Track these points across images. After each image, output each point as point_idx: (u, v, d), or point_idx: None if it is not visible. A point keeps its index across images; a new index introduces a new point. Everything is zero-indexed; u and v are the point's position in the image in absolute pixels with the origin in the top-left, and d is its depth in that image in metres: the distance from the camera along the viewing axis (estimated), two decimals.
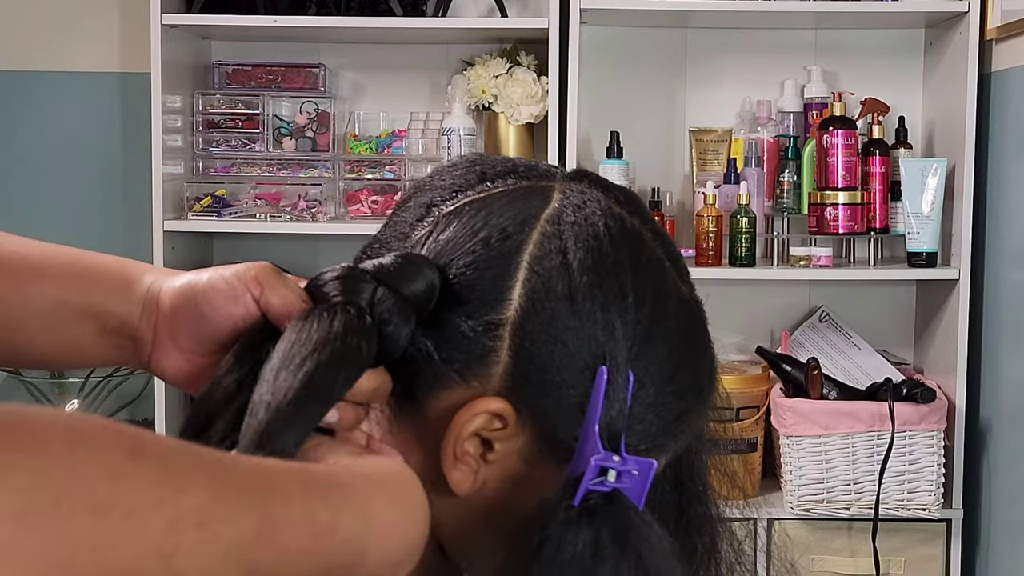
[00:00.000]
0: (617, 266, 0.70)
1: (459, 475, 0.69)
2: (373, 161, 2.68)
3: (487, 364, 0.69)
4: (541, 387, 0.69)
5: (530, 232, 0.71)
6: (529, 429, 0.69)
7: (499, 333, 0.69)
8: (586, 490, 0.66)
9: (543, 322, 0.69)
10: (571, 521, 0.66)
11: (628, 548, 0.66)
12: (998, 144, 2.45)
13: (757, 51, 2.74)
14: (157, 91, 2.51)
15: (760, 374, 2.56)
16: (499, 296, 0.69)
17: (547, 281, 0.69)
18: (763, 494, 2.55)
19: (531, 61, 2.65)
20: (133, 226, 2.75)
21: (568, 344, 0.68)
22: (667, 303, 0.72)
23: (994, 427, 2.45)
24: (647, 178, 2.70)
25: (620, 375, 0.68)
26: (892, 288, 2.76)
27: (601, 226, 0.71)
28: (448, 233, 0.72)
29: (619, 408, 0.68)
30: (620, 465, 0.67)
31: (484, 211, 0.72)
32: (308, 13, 2.61)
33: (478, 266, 0.70)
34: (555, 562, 0.65)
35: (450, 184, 0.75)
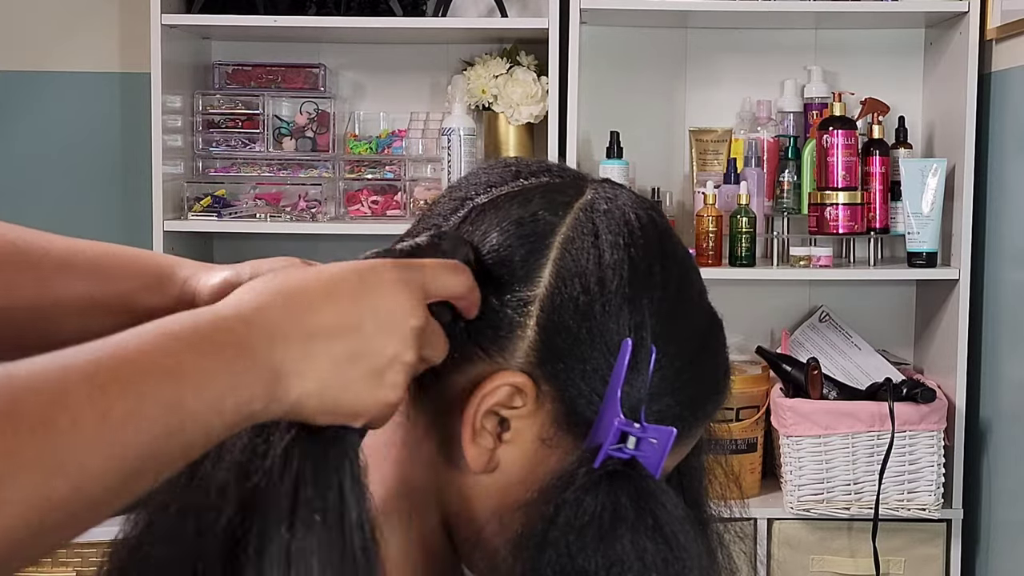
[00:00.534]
0: (646, 249, 0.72)
1: (475, 451, 0.70)
2: (373, 161, 2.68)
3: (513, 339, 0.70)
4: (566, 362, 0.70)
5: (564, 216, 0.73)
6: (548, 407, 0.70)
7: (528, 309, 0.70)
8: (606, 454, 0.68)
9: (571, 298, 0.70)
10: (590, 485, 0.67)
11: (645, 512, 0.67)
12: (998, 144, 2.45)
13: (757, 51, 2.74)
14: (157, 91, 2.51)
15: (760, 374, 2.56)
16: (530, 273, 0.71)
17: (578, 260, 0.71)
18: (763, 494, 2.55)
19: (531, 61, 2.65)
20: (133, 226, 2.75)
21: (595, 319, 0.70)
22: (691, 291, 0.75)
23: (994, 427, 2.45)
24: (647, 178, 2.70)
25: (644, 349, 0.70)
26: (892, 288, 2.76)
27: (632, 215, 0.73)
28: (483, 218, 0.74)
29: (642, 381, 0.69)
30: (640, 432, 0.68)
31: (519, 199, 0.74)
32: (308, 13, 2.61)
33: (511, 244, 0.72)
34: (573, 526, 0.66)
35: (485, 180, 0.77)
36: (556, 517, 0.66)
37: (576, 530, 0.66)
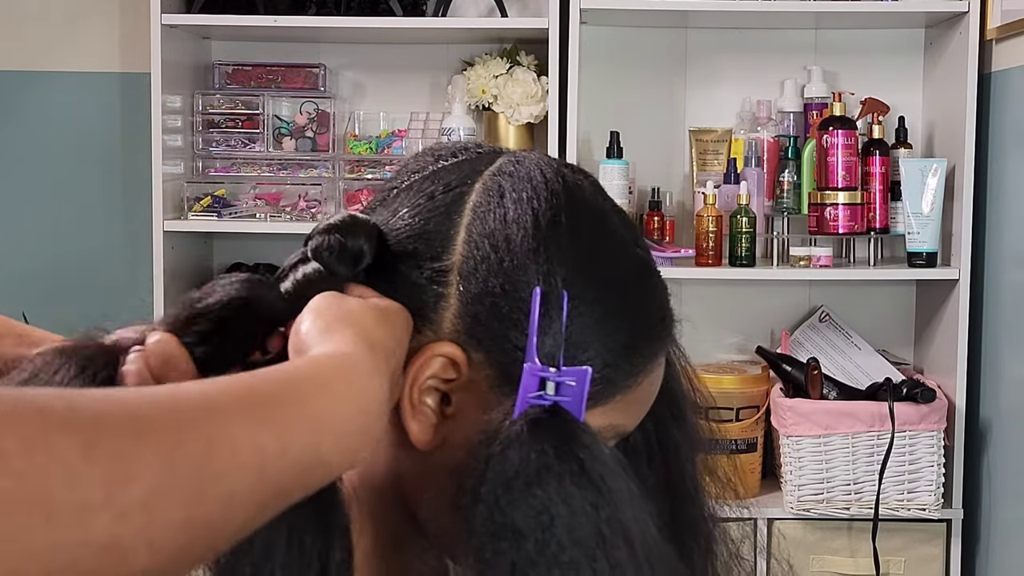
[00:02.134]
0: (550, 201, 0.72)
1: (417, 426, 0.70)
2: (373, 161, 2.68)
3: (437, 310, 0.71)
4: (489, 325, 0.70)
5: (472, 184, 0.74)
6: (484, 375, 0.70)
7: (446, 279, 0.71)
8: (526, 403, 0.67)
9: (484, 259, 0.71)
10: (513, 437, 0.66)
11: (569, 457, 0.66)
12: (998, 144, 2.45)
13: (757, 51, 2.74)
14: (157, 91, 2.51)
15: (760, 374, 2.56)
16: (445, 243, 0.72)
17: (485, 222, 0.72)
18: (763, 494, 2.55)
19: (531, 61, 2.65)
20: (133, 226, 2.75)
21: (508, 276, 0.70)
22: (607, 239, 0.74)
23: (994, 427, 2.45)
24: (647, 178, 2.70)
25: (555, 295, 0.69)
26: (892, 288, 2.76)
27: (537, 172, 0.74)
28: (399, 200, 0.75)
29: (556, 328, 0.69)
30: (556, 376, 0.68)
31: (432, 177, 0.76)
32: (308, 13, 2.61)
33: (423, 217, 0.73)
34: (501, 480, 0.65)
35: (409, 169, 0.78)
36: (485, 472, 0.66)
37: (503, 483, 0.65)
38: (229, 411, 0.55)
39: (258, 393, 0.57)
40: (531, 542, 0.64)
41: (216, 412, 0.54)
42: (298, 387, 0.59)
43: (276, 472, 0.55)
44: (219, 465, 0.52)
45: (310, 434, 0.57)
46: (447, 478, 0.70)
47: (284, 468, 0.55)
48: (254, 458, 0.54)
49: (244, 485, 0.53)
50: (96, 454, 0.48)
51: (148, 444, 0.50)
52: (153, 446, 0.50)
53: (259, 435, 0.55)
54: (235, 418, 0.54)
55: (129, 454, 0.49)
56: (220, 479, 0.52)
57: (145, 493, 0.49)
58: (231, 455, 0.53)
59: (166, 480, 0.50)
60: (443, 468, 0.71)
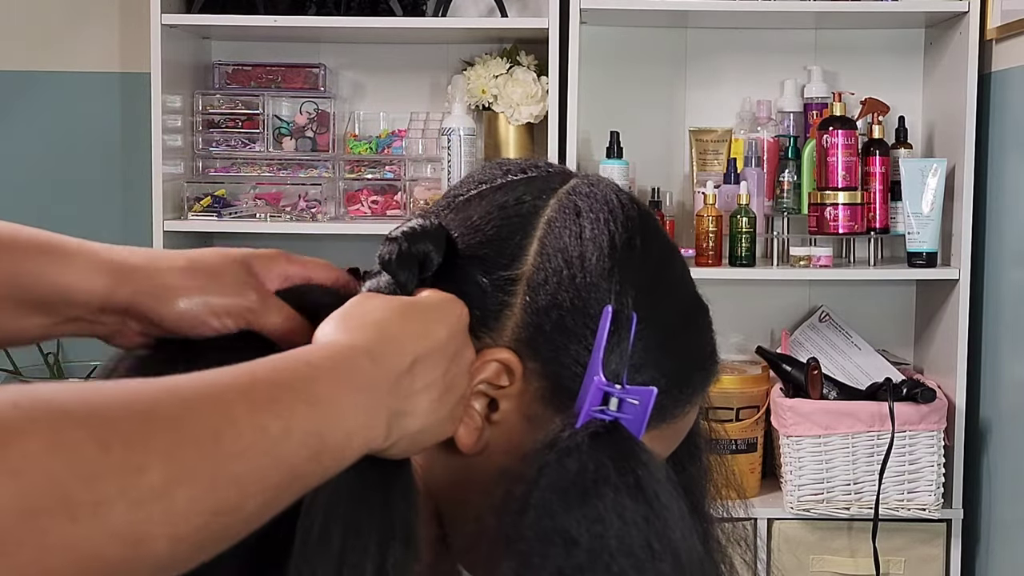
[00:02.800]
0: (627, 224, 0.74)
1: (464, 429, 0.71)
2: (373, 161, 2.68)
3: (500, 318, 0.72)
4: (551, 337, 0.71)
5: (548, 199, 0.75)
6: (535, 385, 0.71)
7: (514, 288, 0.72)
8: (588, 415, 0.69)
9: (554, 272, 0.72)
10: (572, 447, 0.67)
11: (627, 471, 0.67)
12: (998, 144, 2.45)
13: (757, 51, 2.74)
14: (157, 91, 2.51)
15: (760, 374, 2.56)
16: (516, 253, 0.73)
17: (560, 237, 0.73)
18: (763, 494, 2.55)
19: (531, 61, 2.65)
20: (133, 226, 2.75)
21: (577, 292, 0.71)
22: (674, 268, 0.76)
23: (994, 427, 2.45)
24: (647, 178, 2.70)
25: (625, 315, 0.71)
26: (892, 288, 2.76)
27: (613, 196, 0.75)
28: (470, 207, 0.76)
29: (623, 348, 0.70)
30: (621, 393, 0.69)
31: (505, 188, 0.76)
32: (308, 13, 2.61)
33: (497, 226, 0.74)
34: (555, 487, 0.66)
35: (476, 179, 0.79)
36: (539, 479, 0.67)
37: (558, 491, 0.66)
38: (230, 397, 0.55)
39: (258, 379, 0.58)
40: (583, 550, 0.65)
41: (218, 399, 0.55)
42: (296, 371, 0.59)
43: (284, 454, 0.56)
44: (226, 449, 0.53)
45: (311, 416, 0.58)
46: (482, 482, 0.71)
47: (291, 450, 0.56)
48: (260, 441, 0.55)
49: (253, 468, 0.54)
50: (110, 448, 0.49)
51: (156, 434, 0.51)
52: (160, 435, 0.51)
53: (261, 418, 0.55)
54: (237, 403, 0.55)
55: (139, 445, 0.50)
56: (228, 463, 0.53)
57: (157, 482, 0.50)
58: (236, 439, 0.54)
59: (176, 467, 0.51)
60: (478, 472, 0.72)
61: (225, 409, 0.55)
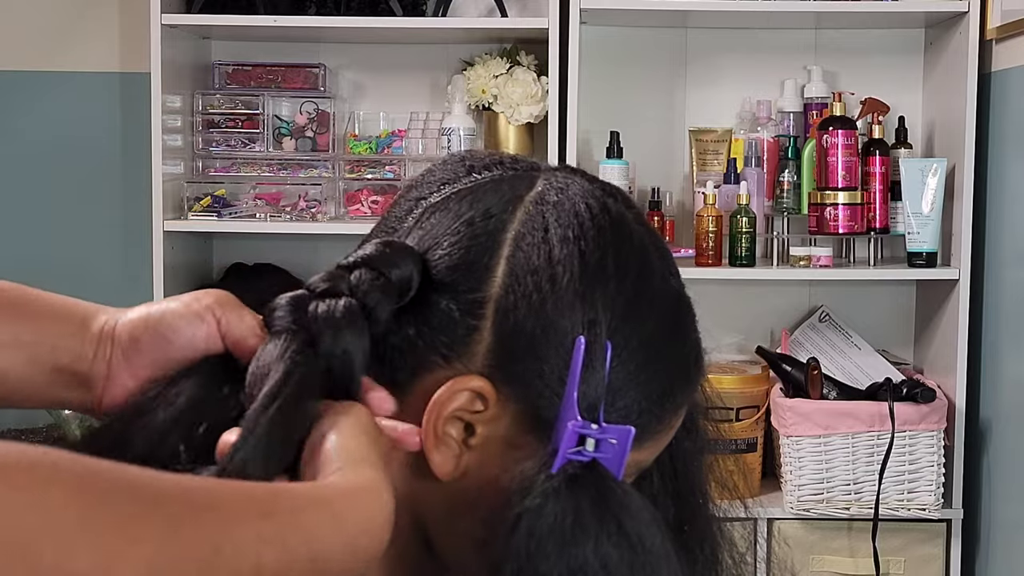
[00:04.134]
0: (598, 241, 0.70)
1: (440, 457, 0.69)
2: (373, 161, 2.68)
3: (470, 343, 0.69)
4: (523, 362, 0.69)
5: (513, 212, 0.72)
6: (512, 410, 0.69)
7: (482, 311, 0.69)
8: (565, 459, 0.66)
9: (525, 296, 0.69)
10: (550, 491, 0.65)
11: (608, 516, 0.65)
12: (998, 144, 2.45)
13: (757, 51, 2.74)
14: (157, 91, 2.51)
15: (760, 374, 2.56)
16: (483, 274, 0.70)
17: (529, 257, 0.70)
18: (763, 494, 2.55)
19: (531, 61, 2.65)
20: (133, 226, 2.75)
21: (549, 318, 0.68)
22: (649, 280, 0.72)
23: (994, 427, 2.45)
24: (647, 178, 2.70)
25: (599, 345, 0.68)
26: (892, 288, 2.76)
27: (583, 205, 0.72)
28: (434, 220, 0.73)
29: (598, 379, 0.68)
30: (598, 433, 0.67)
31: (470, 197, 0.73)
32: (308, 13, 2.61)
33: (462, 246, 0.71)
34: (534, 534, 0.64)
35: (439, 178, 0.76)
36: (517, 525, 0.65)
37: (537, 539, 0.64)
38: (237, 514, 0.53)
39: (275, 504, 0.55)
40: None
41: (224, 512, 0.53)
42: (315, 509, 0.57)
43: None
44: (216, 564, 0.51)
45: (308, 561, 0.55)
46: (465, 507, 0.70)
47: None
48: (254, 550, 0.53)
49: None
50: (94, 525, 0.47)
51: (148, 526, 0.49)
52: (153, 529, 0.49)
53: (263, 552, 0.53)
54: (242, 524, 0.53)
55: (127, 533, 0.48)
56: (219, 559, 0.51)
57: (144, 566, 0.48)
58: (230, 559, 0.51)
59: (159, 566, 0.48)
60: (461, 497, 0.70)
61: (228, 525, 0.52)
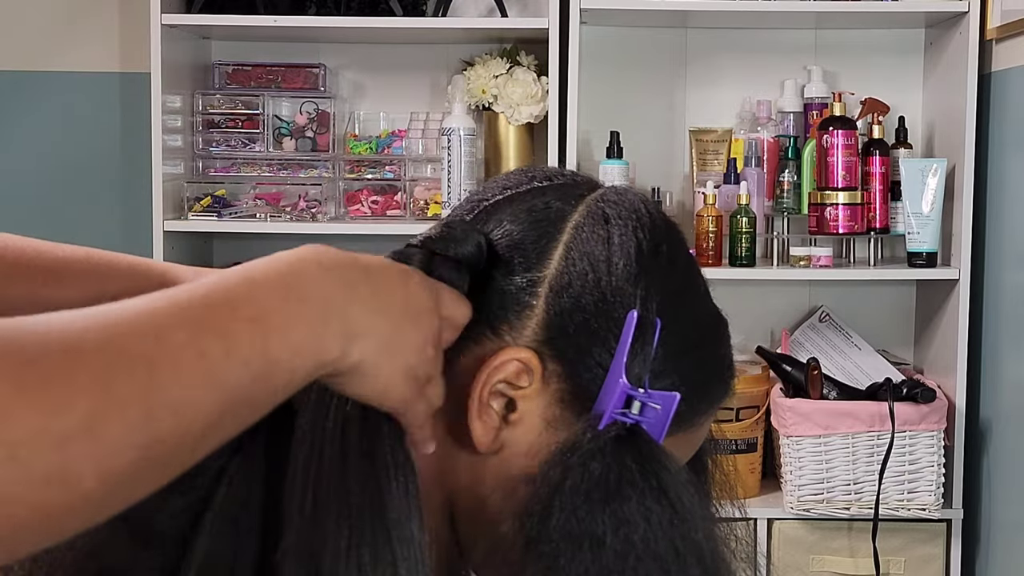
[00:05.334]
0: (654, 232, 0.74)
1: (481, 427, 0.71)
2: (373, 161, 2.68)
3: (521, 318, 0.72)
4: (574, 338, 0.71)
5: (575, 205, 0.75)
6: (554, 386, 0.72)
7: (537, 289, 0.72)
8: (611, 418, 0.69)
9: (579, 275, 0.72)
10: (596, 450, 0.68)
11: (650, 475, 0.68)
12: (998, 144, 2.45)
13: (757, 51, 2.74)
14: (157, 91, 2.51)
15: (760, 374, 2.56)
16: (541, 255, 0.73)
17: (587, 242, 0.73)
18: (763, 494, 2.55)
19: (531, 61, 2.65)
20: (133, 226, 2.75)
21: (602, 295, 0.71)
22: (697, 278, 0.77)
23: (994, 427, 2.45)
24: (647, 178, 2.70)
25: (649, 321, 0.71)
26: (892, 288, 2.76)
27: (642, 206, 0.76)
28: (496, 211, 0.76)
29: (646, 353, 0.70)
30: (645, 397, 0.70)
31: (532, 193, 0.77)
32: (308, 13, 2.61)
33: (523, 230, 0.74)
34: (579, 490, 0.67)
35: (501, 185, 0.79)
36: (563, 483, 0.68)
37: (583, 494, 0.67)
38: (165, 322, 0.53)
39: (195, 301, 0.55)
40: (610, 552, 0.66)
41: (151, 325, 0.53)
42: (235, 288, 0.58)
43: (225, 377, 0.54)
44: (161, 378, 0.51)
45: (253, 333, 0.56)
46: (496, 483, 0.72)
47: (233, 372, 0.54)
48: (197, 365, 0.53)
49: (192, 395, 0.52)
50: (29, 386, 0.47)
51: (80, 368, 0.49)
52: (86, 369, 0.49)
53: (199, 341, 0.53)
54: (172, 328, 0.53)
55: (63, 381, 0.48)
56: (163, 391, 0.51)
57: (83, 417, 0.48)
58: (172, 365, 0.52)
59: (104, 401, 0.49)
60: (493, 473, 0.72)
61: (159, 335, 0.52)
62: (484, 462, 0.72)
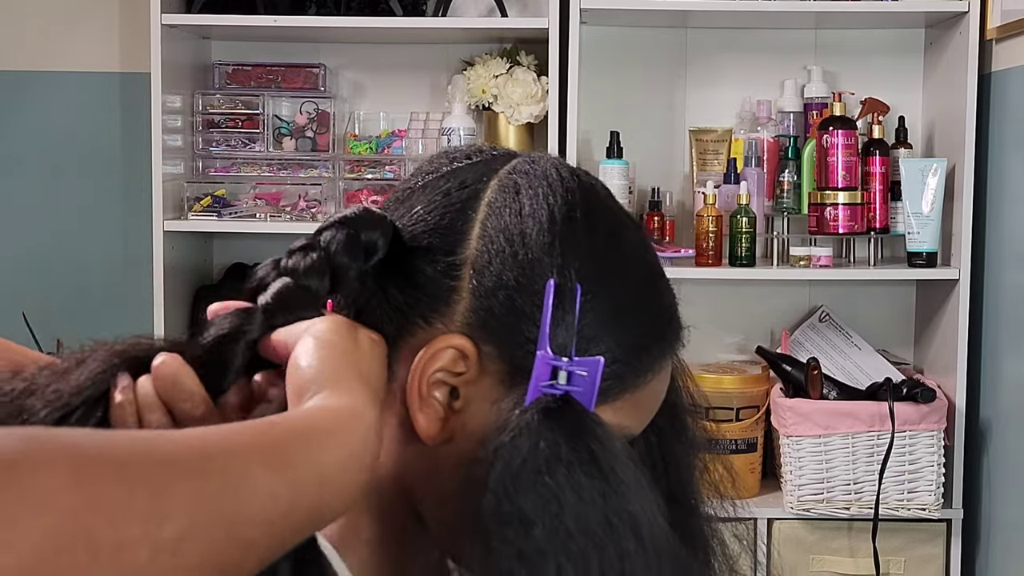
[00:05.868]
0: (566, 198, 0.73)
1: (425, 419, 0.71)
2: (373, 161, 2.68)
3: (449, 304, 0.72)
4: (502, 318, 0.70)
5: (487, 181, 0.74)
6: (492, 368, 0.71)
7: (459, 273, 0.72)
8: (538, 391, 0.68)
9: (498, 253, 0.71)
10: (523, 426, 0.67)
11: (580, 447, 0.67)
12: (998, 144, 2.45)
13: (757, 51, 2.74)
14: (157, 91, 2.51)
15: (760, 374, 2.56)
16: (458, 237, 0.72)
17: (500, 217, 0.72)
18: (763, 494, 2.55)
19: (531, 61, 2.65)
20: (133, 226, 2.75)
21: (521, 269, 0.71)
22: (619, 238, 0.75)
23: (994, 427, 2.45)
24: (647, 178, 2.70)
25: (568, 288, 0.70)
26: (892, 288, 2.76)
27: (553, 172, 0.75)
28: (414, 197, 0.76)
29: (569, 321, 0.69)
30: (568, 365, 0.69)
31: (448, 175, 0.76)
32: (308, 13, 2.61)
33: (438, 213, 0.73)
34: (510, 467, 0.66)
35: (424, 170, 0.79)
36: (495, 462, 0.67)
37: (512, 472, 0.66)
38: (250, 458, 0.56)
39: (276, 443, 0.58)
40: (540, 530, 0.65)
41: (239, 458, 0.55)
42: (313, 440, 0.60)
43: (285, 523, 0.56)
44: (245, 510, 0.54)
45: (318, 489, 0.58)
46: (452, 472, 0.71)
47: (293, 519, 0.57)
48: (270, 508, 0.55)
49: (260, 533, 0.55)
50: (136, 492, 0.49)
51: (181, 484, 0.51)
52: (185, 486, 0.51)
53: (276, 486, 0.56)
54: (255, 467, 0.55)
55: (165, 492, 0.50)
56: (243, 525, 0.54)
57: (178, 532, 0.50)
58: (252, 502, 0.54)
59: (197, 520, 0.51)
60: (448, 462, 0.71)
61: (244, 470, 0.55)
62: (437, 452, 0.72)
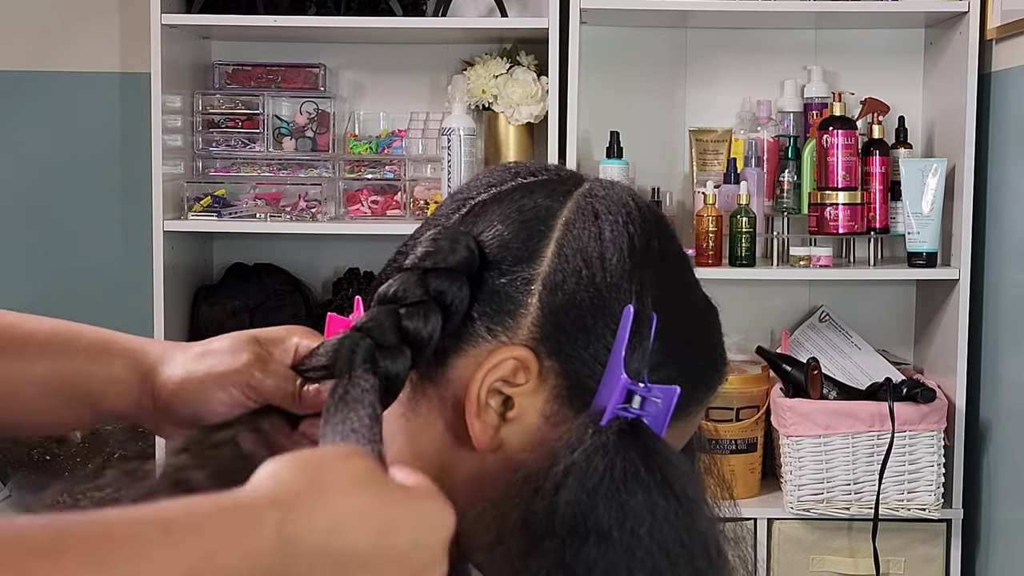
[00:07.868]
0: (644, 226, 0.75)
1: (480, 426, 0.72)
2: (373, 161, 2.68)
3: (516, 317, 0.73)
4: (569, 334, 0.72)
5: (564, 202, 0.76)
6: (551, 383, 0.72)
7: (530, 288, 0.73)
8: (613, 413, 0.70)
9: (573, 272, 0.72)
10: (599, 446, 0.69)
11: (654, 468, 0.69)
12: (998, 144, 2.45)
13: (757, 51, 2.74)
14: (157, 91, 2.51)
15: (760, 374, 2.56)
16: (532, 254, 0.73)
17: (579, 238, 0.73)
18: (763, 494, 2.55)
19: (531, 61, 2.65)
20: (133, 226, 2.75)
21: (597, 291, 0.72)
22: (687, 271, 0.78)
23: (994, 427, 2.45)
24: (647, 178, 2.70)
25: (645, 315, 0.72)
26: (892, 288, 2.76)
27: (630, 199, 0.76)
28: (485, 212, 0.76)
29: (643, 347, 0.71)
30: (645, 391, 0.70)
31: (519, 191, 0.77)
32: (308, 13, 2.61)
33: (513, 228, 0.74)
34: (584, 486, 0.68)
35: (486, 182, 0.79)
36: (566, 479, 0.68)
37: (588, 490, 0.68)
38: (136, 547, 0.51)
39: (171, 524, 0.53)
40: (618, 545, 0.67)
41: None
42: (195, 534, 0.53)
43: None
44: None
45: None
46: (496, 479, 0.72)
47: None
48: None
49: None
50: None
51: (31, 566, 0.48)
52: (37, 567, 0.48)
53: None
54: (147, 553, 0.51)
55: None
56: None
57: None
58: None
59: None
60: (493, 469, 0.73)
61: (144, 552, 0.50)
62: (484, 459, 0.73)
